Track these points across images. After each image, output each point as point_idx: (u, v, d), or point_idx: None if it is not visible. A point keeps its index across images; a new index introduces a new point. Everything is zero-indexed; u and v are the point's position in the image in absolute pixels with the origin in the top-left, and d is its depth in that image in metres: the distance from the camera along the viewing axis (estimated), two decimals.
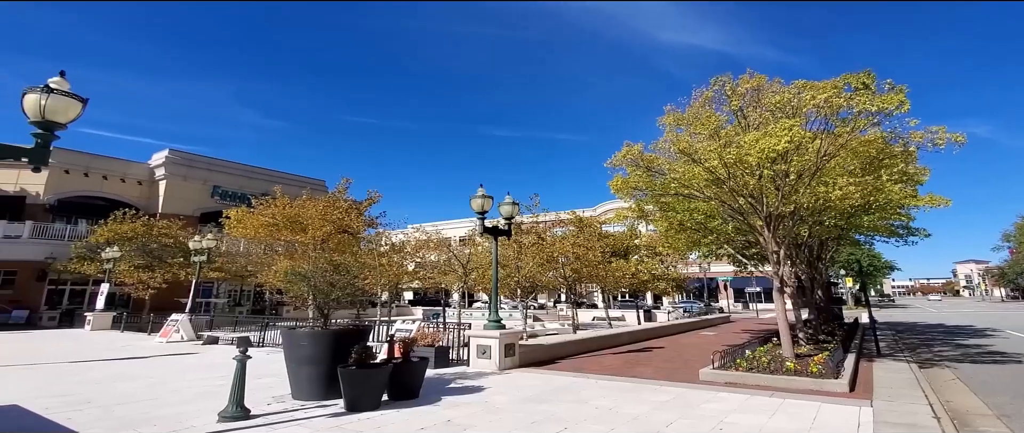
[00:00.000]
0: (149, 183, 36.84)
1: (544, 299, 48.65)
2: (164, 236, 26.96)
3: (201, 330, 17.50)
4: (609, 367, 10.90)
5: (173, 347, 15.14)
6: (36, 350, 14.47)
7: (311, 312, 20.24)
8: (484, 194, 11.68)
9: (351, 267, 9.41)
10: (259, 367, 9.92)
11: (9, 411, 6.78)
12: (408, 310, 40.01)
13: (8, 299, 27.66)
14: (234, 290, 35.45)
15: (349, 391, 6.66)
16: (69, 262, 26.56)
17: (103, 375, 9.85)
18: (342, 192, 23.94)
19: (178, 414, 6.56)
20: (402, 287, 28.78)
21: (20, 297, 28.10)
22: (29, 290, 28.72)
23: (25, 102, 5.29)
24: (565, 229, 25.09)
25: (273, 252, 23.03)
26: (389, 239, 25.62)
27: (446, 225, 62.73)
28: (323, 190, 38.05)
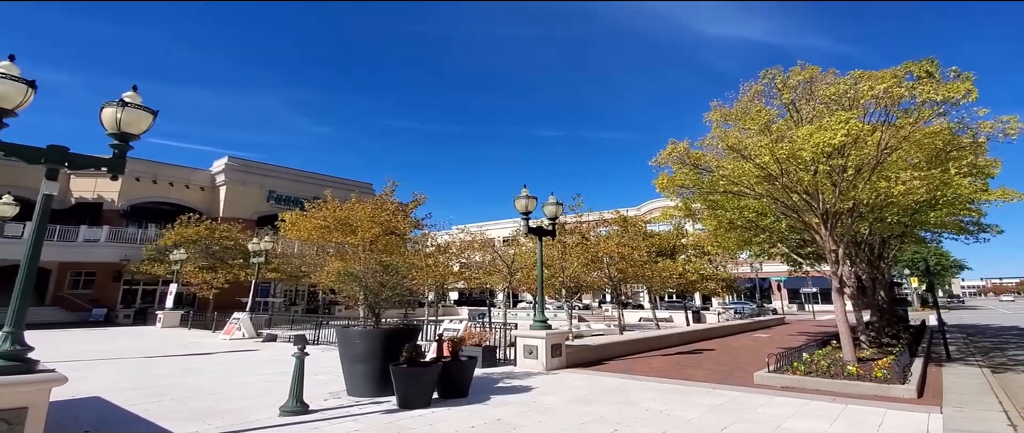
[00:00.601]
0: (211, 189, 38.97)
1: (588, 299, 48.27)
2: (225, 239, 28.48)
3: (260, 328, 18.38)
4: (658, 369, 10.72)
5: (235, 344, 16.00)
6: (114, 346, 15.59)
7: (362, 311, 20.88)
8: (528, 194, 11.72)
9: (400, 268, 9.66)
10: (315, 364, 10.34)
11: (92, 402, 7.35)
12: (454, 310, 40.59)
13: (89, 299, 29.99)
14: (289, 290, 37.00)
15: (401, 388, 6.86)
16: (141, 263, 28.50)
17: (174, 370, 10.54)
18: (389, 194, 24.54)
19: (243, 408, 6.94)
20: (448, 287, 29.25)
21: (99, 296, 30.41)
22: (106, 290, 31.02)
23: (103, 115, 5.72)
24: (609, 229, 24.84)
25: (325, 253, 23.88)
26: (434, 240, 26.10)
27: (490, 226, 63.24)
28: (370, 193, 39.18)
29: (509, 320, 17.23)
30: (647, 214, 44.67)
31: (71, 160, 5.58)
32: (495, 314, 26.43)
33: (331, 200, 23.89)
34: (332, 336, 15.02)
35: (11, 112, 5.15)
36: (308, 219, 23.41)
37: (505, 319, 16.95)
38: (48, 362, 4.91)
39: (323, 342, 15.01)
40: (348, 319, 16.64)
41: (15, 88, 5.07)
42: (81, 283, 31.08)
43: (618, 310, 22.39)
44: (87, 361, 11.83)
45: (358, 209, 22.88)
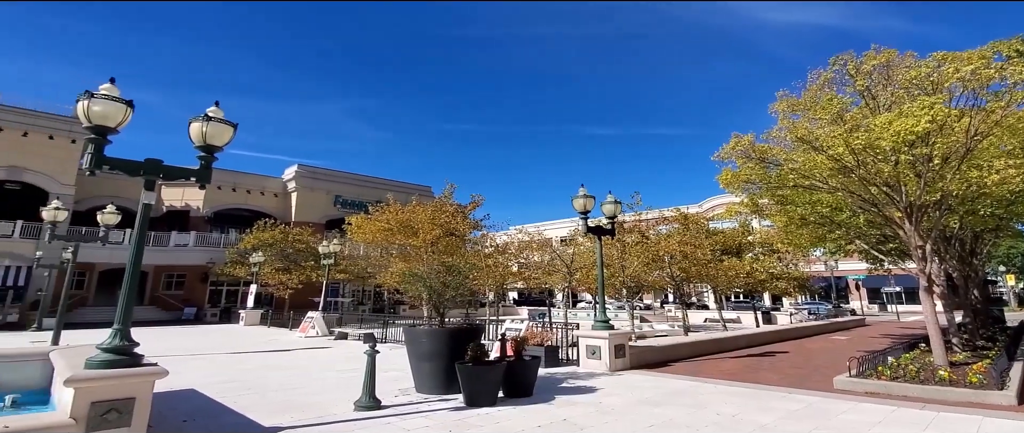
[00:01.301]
0: (283, 195, 41.37)
1: (649, 299, 47.26)
2: (298, 242, 30.18)
3: (332, 326, 19.34)
4: (728, 372, 10.37)
5: (310, 341, 16.95)
6: (204, 342, 16.91)
7: (426, 311, 21.42)
8: (586, 194, 11.66)
9: (462, 268, 9.89)
10: (384, 361, 10.74)
11: (188, 394, 8.01)
12: (514, 310, 40.90)
13: (181, 299, 32.69)
14: (357, 290, 38.65)
15: (468, 386, 7.04)
16: (225, 266, 30.74)
17: (257, 365, 11.32)
18: (448, 197, 25.10)
19: (320, 402, 7.35)
20: (507, 287, 29.57)
21: (189, 296, 33.07)
22: (195, 290, 33.66)
23: (191, 130, 6.26)
24: (669, 227, 24.22)
25: (388, 255, 24.77)
26: (493, 241, 26.45)
27: (547, 226, 63.22)
28: (429, 195, 40.17)
29: (569, 320, 17.21)
30: (709, 211, 43.15)
31: (165, 172, 6.14)
32: (555, 314, 26.43)
33: (393, 203, 24.72)
34: (398, 334, 15.56)
35: (113, 130, 5.72)
36: (372, 222, 24.35)
37: (566, 319, 16.93)
38: (149, 357, 5.43)
39: (391, 340, 15.58)
40: (414, 318, 17.21)
41: (116, 108, 5.63)
42: (173, 284, 33.91)
43: (682, 310, 21.79)
44: (181, 356, 12.90)
45: (419, 212, 23.55)
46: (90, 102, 5.53)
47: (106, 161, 5.76)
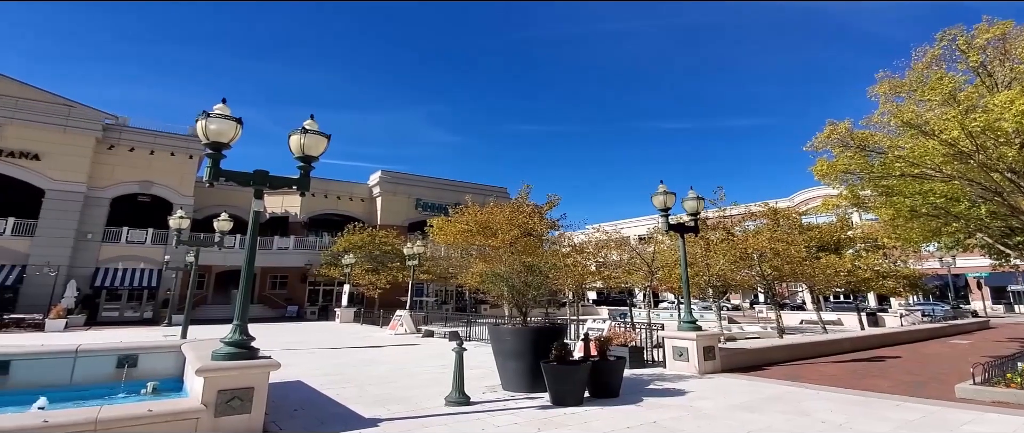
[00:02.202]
0: (369, 200, 43.73)
1: (737, 299, 44.95)
2: (384, 244, 31.84)
3: (419, 324, 20.21)
4: (831, 377, 9.67)
5: (399, 338, 17.84)
6: (306, 338, 18.30)
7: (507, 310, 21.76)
8: (665, 190, 11.32)
9: (542, 268, 9.99)
10: (469, 359, 11.02)
11: (296, 386, 8.72)
12: (593, 310, 40.53)
13: (284, 297, 35.68)
14: (440, 290, 40.08)
15: (553, 386, 7.11)
16: (321, 267, 33.08)
17: (354, 360, 12.10)
18: (524, 197, 25.37)
19: (414, 396, 7.73)
20: (585, 287, 29.34)
21: (291, 295, 36.00)
22: (296, 290, 36.53)
23: (290, 142, 6.83)
24: (757, 223, 22.90)
25: (468, 255, 25.44)
26: (570, 240, 26.36)
27: (624, 224, 61.91)
28: (506, 196, 40.78)
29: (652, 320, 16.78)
30: (801, 205, 40.26)
31: (271, 182, 6.77)
32: (636, 314, 25.88)
33: (471, 205, 25.37)
34: (482, 333, 15.98)
35: (226, 145, 6.39)
36: (452, 224, 25.14)
37: (649, 319, 16.54)
38: (262, 351, 6.01)
39: (474, 339, 16.01)
40: (495, 317, 17.60)
41: (228, 125, 6.30)
42: (277, 284, 37.02)
43: (775, 311, 20.54)
44: (288, 350, 14.05)
45: (496, 213, 24.00)
46: (207, 121, 6.22)
47: (222, 173, 6.46)
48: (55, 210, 28.58)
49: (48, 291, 26.61)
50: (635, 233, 48.01)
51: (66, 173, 29.30)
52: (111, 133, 31.73)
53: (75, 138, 30.00)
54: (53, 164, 29.03)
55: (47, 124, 29.31)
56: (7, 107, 28.55)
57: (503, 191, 46.35)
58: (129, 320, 28.48)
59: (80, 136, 30.19)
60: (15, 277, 26.38)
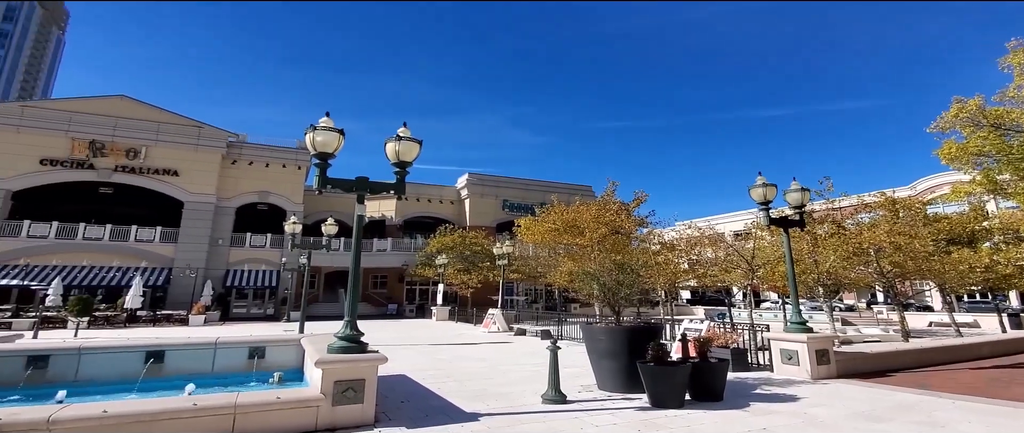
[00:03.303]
0: (458, 202, 45.21)
1: (851, 299, 41.05)
2: (474, 244, 32.78)
3: (510, 323, 20.59)
4: (967, 385, 8.56)
5: (492, 336, 18.29)
6: (406, 334, 19.32)
7: (598, 309, 21.53)
8: (765, 182, 10.59)
9: (634, 266, 9.78)
10: (562, 358, 10.97)
11: (400, 379, 9.22)
12: (687, 309, 38.95)
13: (384, 296, 37.99)
14: (529, 289, 40.55)
15: (652, 387, 6.93)
16: (416, 268, 34.76)
17: (452, 356, 12.59)
18: (610, 195, 24.94)
19: (510, 392, 7.89)
20: (679, 286, 28.25)
21: (391, 294, 38.24)
22: (395, 289, 38.72)
23: (387, 149, 7.23)
24: (872, 214, 20.72)
25: (556, 254, 25.47)
26: (661, 237, 25.49)
27: (718, 220, 58.67)
28: (591, 195, 40.36)
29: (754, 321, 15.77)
30: (925, 193, 35.93)
31: (371, 187, 7.23)
32: (735, 314, 24.48)
33: (557, 204, 25.38)
34: (573, 332, 15.96)
35: (332, 154, 6.91)
36: (539, 223, 25.30)
37: (752, 319, 15.59)
38: (369, 346, 6.42)
39: (566, 337, 16.03)
40: (587, 316, 17.49)
41: (332, 136, 6.82)
42: (378, 284, 39.46)
43: (898, 312, 18.49)
44: (391, 346, 14.91)
45: (583, 211, 23.81)
46: (314, 133, 6.78)
47: (329, 181, 7.01)
48: (192, 219, 32.58)
49: (190, 290, 30.37)
50: (730, 229, 45.35)
51: (199, 186, 33.27)
52: (233, 149, 35.54)
53: (205, 155, 33.98)
54: (189, 179, 33.08)
55: (183, 144, 33.47)
56: (151, 131, 32.96)
57: (588, 189, 45.92)
58: (254, 316, 31.74)
59: (209, 153, 34.15)
60: (164, 278, 30.45)
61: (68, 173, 30.97)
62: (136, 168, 32.15)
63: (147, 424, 4.95)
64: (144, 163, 32.33)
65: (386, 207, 42.77)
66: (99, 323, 22.61)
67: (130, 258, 30.78)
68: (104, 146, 31.55)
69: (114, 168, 31.71)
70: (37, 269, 28.18)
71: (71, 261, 29.35)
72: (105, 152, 31.52)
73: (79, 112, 31.83)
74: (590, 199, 29.84)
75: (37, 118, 31.02)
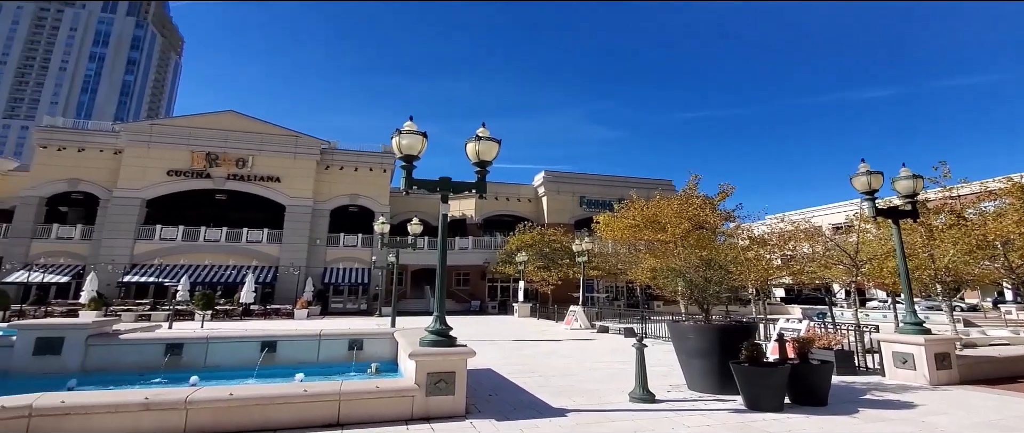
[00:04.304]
0: (535, 200, 45.49)
1: (974, 298, 36.66)
2: (553, 241, 32.88)
3: (592, 320, 20.47)
4: None
5: (574, 333, 18.30)
6: (489, 330, 19.80)
7: (683, 307, 20.85)
8: (869, 170, 9.73)
9: (722, 262, 9.40)
10: (647, 356, 10.79)
11: (486, 373, 9.48)
12: (781, 308, 36.63)
13: (467, 293, 39.16)
14: (610, 286, 40.03)
15: (747, 388, 6.64)
16: (496, 265, 35.48)
17: (535, 352, 12.76)
18: (693, 189, 24.00)
19: (597, 390, 7.88)
20: (772, 283, 26.63)
21: (473, 291, 39.34)
22: (477, 286, 39.77)
23: (467, 149, 7.42)
24: (998, 203, 18.26)
25: (636, 251, 24.90)
26: (750, 232, 24.15)
27: (814, 212, 54.49)
28: (671, 189, 39.00)
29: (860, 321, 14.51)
30: None
31: (454, 187, 7.48)
32: (837, 313, 22.65)
33: (636, 200, 24.81)
34: (657, 330, 15.60)
35: (416, 157, 7.21)
36: (618, 220, 24.85)
37: (858, 319, 14.37)
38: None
39: (651, 336, 15.68)
40: (673, 314, 17.00)
41: (416, 139, 7.11)
42: (461, 281, 40.72)
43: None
44: (475, 341, 15.28)
45: (664, 206, 23.09)
46: (399, 137, 7.11)
47: (414, 182, 7.34)
48: (293, 221, 35.45)
49: (293, 286, 33.08)
50: (828, 222, 41.88)
51: (298, 191, 36.08)
52: (326, 156, 38.15)
53: (302, 162, 36.78)
54: (289, 184, 35.98)
55: (283, 153, 36.45)
56: (255, 142, 36.19)
57: (668, 184, 44.44)
58: (349, 311, 33.96)
59: (305, 160, 36.92)
60: (272, 275, 33.43)
61: (189, 182, 34.79)
62: (244, 176, 35.46)
63: (265, 407, 5.49)
64: (251, 171, 35.58)
65: (466, 206, 43.94)
66: (219, 316, 25.25)
67: (243, 257, 34.04)
68: (218, 157, 35.11)
69: (227, 176, 35.19)
70: (168, 268, 31.98)
71: (195, 260, 33.00)
72: (219, 162, 35.07)
73: (196, 127, 35.65)
74: (670, 193, 28.84)
75: (163, 134, 35.12)
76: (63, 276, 30.80)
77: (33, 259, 31.18)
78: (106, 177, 33.92)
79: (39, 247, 31.93)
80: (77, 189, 33.94)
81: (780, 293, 46.35)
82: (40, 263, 30.97)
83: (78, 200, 35.05)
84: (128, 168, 33.74)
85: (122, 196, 33.24)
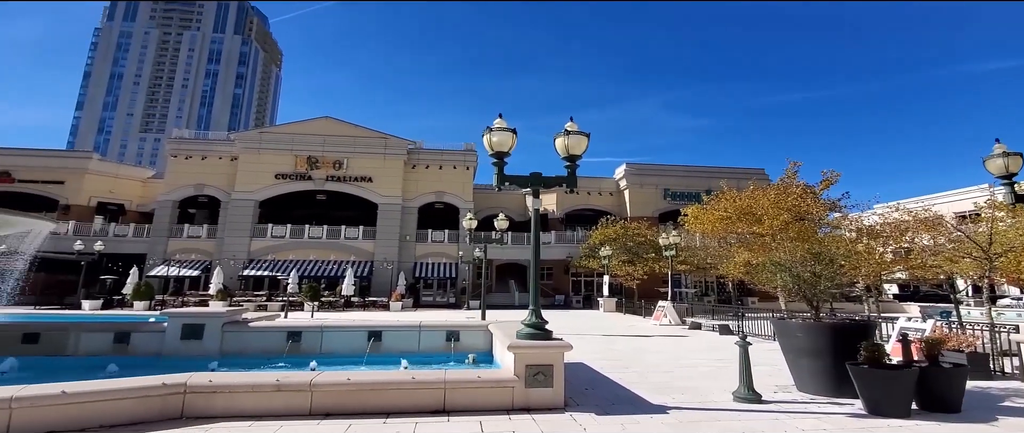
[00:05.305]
0: (616, 193, 44.69)
1: None
2: (637, 235, 32.18)
3: (683, 316, 19.82)
4: None
5: (665, 329, 17.83)
6: (576, 324, 19.78)
7: (783, 303, 19.65)
8: (1006, 150, 8.58)
9: (834, 256, 8.75)
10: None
11: (580, 367, 9.50)
12: (896, 306, 33.35)
13: (551, 287, 39.39)
14: (698, 281, 38.53)
15: (867, 392, 6.17)
16: (579, 259, 35.35)
17: (627, 347, 12.62)
18: (791, 177, 22.49)
19: (696, 387, 7.67)
20: (885, 278, 24.31)
21: (557, 285, 39.45)
22: (560, 280, 39.87)
23: (556, 144, 7.43)
24: None
25: (727, 244, 23.73)
26: (859, 222, 22.20)
27: (934, 199, 48.78)
28: (765, 178, 36.72)
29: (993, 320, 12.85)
30: None
31: (545, 182, 7.52)
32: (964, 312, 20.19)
33: (727, 191, 23.66)
34: (755, 327, 14.85)
35: (507, 153, 7.32)
36: (708, 212, 23.84)
37: (991, 318, 12.77)
38: None
39: (748, 333, 14.93)
40: (768, 310, 16.08)
41: (506, 136, 7.24)
42: (545, 275, 41.04)
43: None
44: (565, 335, 15.35)
45: (759, 197, 21.85)
46: (490, 134, 7.26)
47: (506, 178, 7.47)
48: (385, 219, 37.54)
49: (387, 280, 35.07)
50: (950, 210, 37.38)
51: (388, 190, 38.10)
52: (412, 155, 39.92)
53: (391, 162, 38.76)
54: (380, 184, 38.09)
55: (373, 154, 38.63)
56: (349, 145, 38.65)
57: (761, 173, 41.86)
58: (438, 304, 35.42)
59: (394, 160, 38.87)
60: (368, 270, 35.74)
61: (294, 184, 37.91)
62: (341, 177, 38.04)
63: (378, 392, 5.92)
64: (346, 172, 38.09)
65: (547, 201, 44.09)
66: (324, 307, 27.36)
67: (342, 253, 36.58)
68: (317, 160, 37.94)
69: (325, 178, 37.96)
70: (279, 262, 35.12)
71: (301, 256, 35.97)
72: (318, 165, 37.89)
73: (298, 133, 38.72)
74: (764, 183, 27.18)
75: (270, 141, 38.51)
76: (194, 270, 34.82)
77: (170, 255, 35.58)
78: (225, 181, 37.82)
79: (174, 245, 36.32)
80: (202, 193, 38.22)
81: (893, 289, 42.24)
82: (175, 259, 35.29)
83: (203, 203, 39.43)
84: (243, 173, 37.38)
85: (239, 198, 36.92)
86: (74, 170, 38.91)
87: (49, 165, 38.61)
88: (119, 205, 40.75)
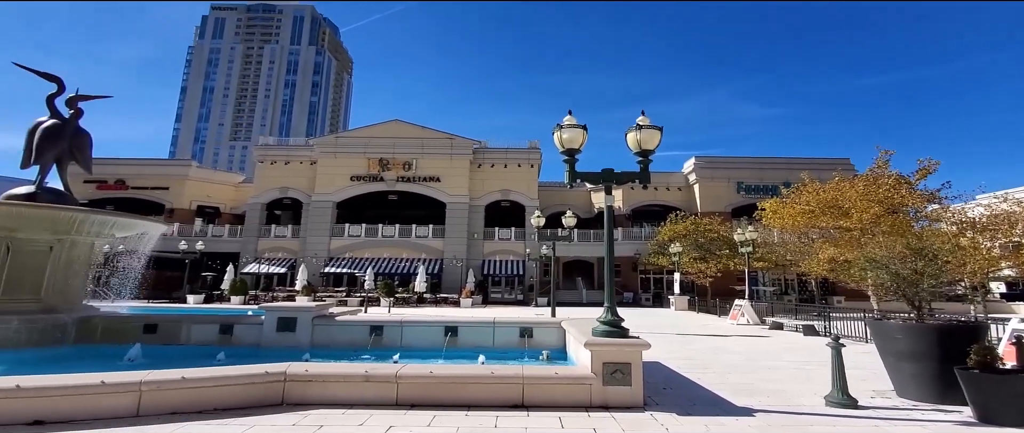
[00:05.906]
0: (686, 188, 43.19)
1: None
2: (708, 231, 30.99)
3: (762, 315, 18.92)
4: None
5: (742, 329, 17.10)
6: (648, 322, 19.42)
7: (874, 302, 18.35)
8: None
9: (939, 252, 8.06)
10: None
11: (655, 366, 9.36)
12: (1004, 306, 30.13)
13: (620, 285, 38.81)
14: (777, 279, 36.57)
15: (978, 399, 5.67)
16: (648, 256, 34.57)
17: (703, 347, 12.25)
18: (883, 167, 20.82)
19: (782, 390, 7.35)
20: (990, 275, 22.02)
21: (626, 283, 38.81)
22: (629, 278, 39.18)
23: (628, 139, 7.30)
24: None
25: (808, 240, 22.37)
26: (962, 214, 20.24)
27: None
28: (849, 169, 34.16)
29: None
30: None
31: (617, 178, 7.39)
32: None
33: (808, 183, 22.29)
34: (844, 328, 13.97)
35: (578, 150, 7.27)
36: (788, 205, 22.60)
37: None
38: None
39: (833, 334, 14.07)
40: (855, 310, 15.03)
41: (576, 133, 7.19)
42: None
43: None
44: (638, 333, 15.23)
45: (846, 188, 20.45)
46: (561, 131, 7.24)
47: (578, 175, 7.43)
48: (453, 217, 38.50)
49: (457, 277, 35.99)
50: None
51: (455, 189, 39.03)
52: (478, 155, 40.62)
53: (458, 162, 39.66)
54: (447, 183, 39.10)
55: (440, 154, 39.69)
56: (418, 146, 39.93)
57: (846, 163, 38.96)
58: (507, 300, 35.92)
59: (460, 160, 39.75)
60: (438, 267, 36.90)
61: (368, 185, 39.72)
62: (410, 177, 39.42)
63: (459, 385, 6.14)
64: (415, 173, 39.42)
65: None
66: (399, 303, 28.51)
67: (413, 251, 37.94)
68: (388, 162, 39.53)
69: (396, 179, 39.48)
70: (356, 260, 36.98)
71: (375, 254, 37.68)
72: (389, 166, 39.48)
73: (370, 137, 40.52)
74: (850, 174, 25.27)
75: (345, 145, 40.56)
76: (281, 267, 37.42)
77: (260, 254, 38.46)
78: (306, 184, 40.28)
79: (263, 244, 39.19)
80: (286, 195, 41.01)
81: (1000, 288, 38.20)
82: (264, 257, 38.10)
83: (288, 204, 42.28)
84: (321, 176, 39.64)
85: (319, 200, 39.21)
86: (176, 177, 43.01)
87: (156, 173, 42.92)
88: (215, 208, 44.56)
